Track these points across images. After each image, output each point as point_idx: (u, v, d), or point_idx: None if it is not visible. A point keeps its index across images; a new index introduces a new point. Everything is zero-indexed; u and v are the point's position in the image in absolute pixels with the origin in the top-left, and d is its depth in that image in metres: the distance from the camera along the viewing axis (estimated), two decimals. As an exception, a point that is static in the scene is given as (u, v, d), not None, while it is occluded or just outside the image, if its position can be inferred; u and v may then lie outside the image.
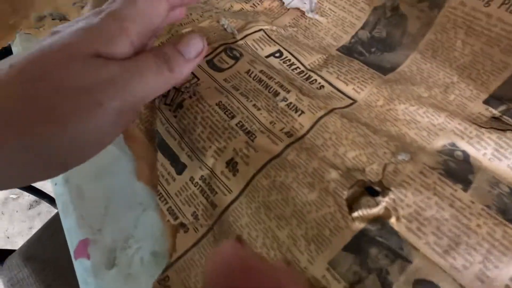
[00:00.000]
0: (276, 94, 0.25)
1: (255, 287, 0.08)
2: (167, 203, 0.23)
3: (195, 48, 0.19)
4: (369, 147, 0.21)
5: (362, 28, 0.29)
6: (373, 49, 0.28)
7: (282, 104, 0.24)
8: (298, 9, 0.32)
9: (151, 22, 0.17)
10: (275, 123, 0.23)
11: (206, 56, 0.27)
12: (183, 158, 0.24)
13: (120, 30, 0.16)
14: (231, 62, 0.27)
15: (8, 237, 1.09)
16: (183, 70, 0.18)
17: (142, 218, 0.23)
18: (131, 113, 0.18)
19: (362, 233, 0.18)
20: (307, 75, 0.27)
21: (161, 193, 0.23)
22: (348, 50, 0.28)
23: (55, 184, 0.27)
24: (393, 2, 0.28)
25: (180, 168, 0.24)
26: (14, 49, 0.36)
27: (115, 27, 0.16)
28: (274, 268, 0.09)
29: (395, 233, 0.18)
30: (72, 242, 0.23)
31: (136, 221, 0.23)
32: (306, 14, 0.31)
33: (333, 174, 0.20)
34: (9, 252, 0.55)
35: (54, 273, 0.51)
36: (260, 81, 0.25)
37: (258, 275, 0.08)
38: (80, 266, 0.22)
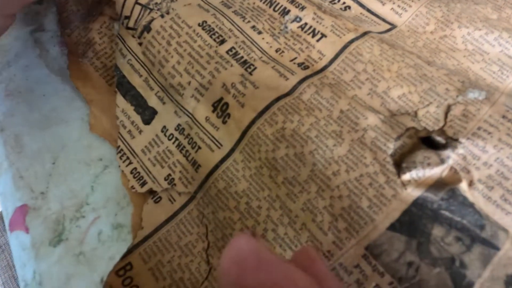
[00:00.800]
0: (285, 12, 0.17)
1: (268, 280, 0.08)
2: (130, 163, 0.16)
3: None
4: (424, 82, 0.14)
5: None
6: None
7: (294, 26, 0.17)
8: None
9: None
10: (283, 52, 0.16)
11: (186, -40, 0.19)
12: (152, 102, 0.17)
13: None
14: (221, -31, 0.19)
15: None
16: None
17: (102, 178, 0.17)
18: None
19: (419, 204, 0.12)
20: (326, -8, 0.19)
21: (122, 149, 0.17)
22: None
23: (-13, 134, 0.20)
24: None
25: (148, 115, 0.17)
26: None
27: None
28: (289, 263, 0.09)
29: (470, 205, 0.12)
30: (7, 209, 0.17)
31: (93, 182, 0.17)
32: None
33: (371, 119, 0.13)
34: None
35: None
36: (261, -5, 0.18)
37: (271, 268, 0.08)
38: (16, 242, 0.16)
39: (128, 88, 0.18)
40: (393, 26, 0.18)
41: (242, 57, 0.16)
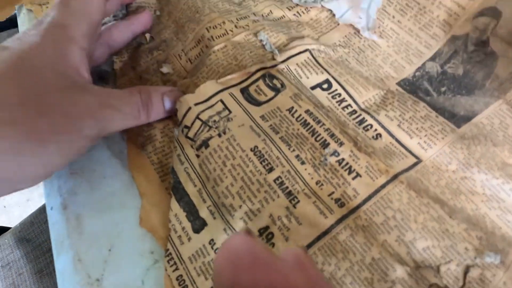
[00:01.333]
0: (325, 145, 0.20)
1: (263, 279, 0.08)
2: (177, 269, 0.18)
3: (173, 104, 0.21)
4: (445, 238, 0.16)
5: (432, 59, 0.24)
6: (443, 89, 0.23)
7: (332, 160, 0.19)
8: (351, 25, 0.27)
9: (91, 18, 0.19)
10: (322, 185, 0.19)
11: (241, 83, 0.22)
12: (203, 213, 0.19)
13: (69, 41, 0.18)
14: (271, 94, 0.22)
15: (4, 206, 1.07)
16: (156, 118, 0.22)
17: (152, 272, 0.19)
18: (99, 139, 0.21)
19: None
20: (360, 118, 0.22)
21: (170, 253, 0.19)
22: (411, 86, 0.23)
23: (51, 208, 0.23)
24: (481, 34, 0.22)
25: (198, 224, 0.19)
26: (19, 21, 0.31)
27: (63, 39, 0.18)
28: (284, 262, 0.09)
29: None
30: None
31: (144, 275, 0.19)
32: (361, 32, 0.26)
33: (399, 272, 0.16)
34: (3, 230, 0.53)
35: (47, 258, 0.49)
36: (305, 124, 0.21)
37: (266, 267, 0.08)
38: (72, 328, 0.18)
39: (182, 194, 0.20)
40: (419, 160, 0.20)
41: (287, 187, 0.18)
